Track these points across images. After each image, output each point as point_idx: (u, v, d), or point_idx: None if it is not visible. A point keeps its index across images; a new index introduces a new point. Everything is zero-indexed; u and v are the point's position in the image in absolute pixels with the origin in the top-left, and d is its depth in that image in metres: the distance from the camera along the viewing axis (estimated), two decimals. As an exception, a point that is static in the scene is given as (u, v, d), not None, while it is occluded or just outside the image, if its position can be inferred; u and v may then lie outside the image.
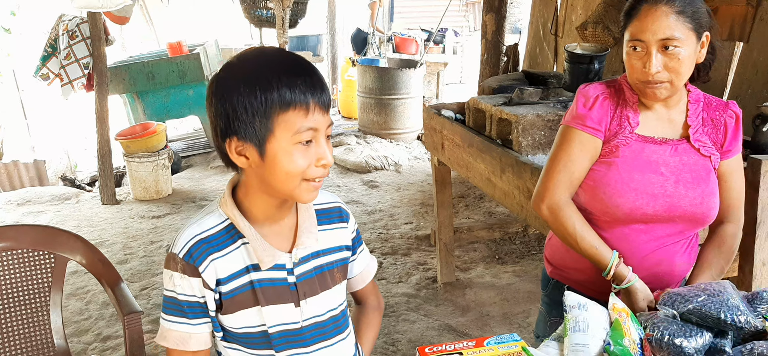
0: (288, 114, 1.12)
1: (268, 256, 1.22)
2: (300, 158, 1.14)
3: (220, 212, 1.24)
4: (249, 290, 1.23)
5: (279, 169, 1.14)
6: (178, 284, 1.21)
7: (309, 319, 1.29)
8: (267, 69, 1.13)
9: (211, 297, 1.22)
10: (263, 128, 1.12)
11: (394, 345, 3.29)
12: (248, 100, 1.11)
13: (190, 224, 1.24)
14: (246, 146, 1.14)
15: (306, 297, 1.27)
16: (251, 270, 1.23)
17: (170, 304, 1.23)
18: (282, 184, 1.16)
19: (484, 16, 5.76)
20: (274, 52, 1.19)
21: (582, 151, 1.65)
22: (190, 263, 1.19)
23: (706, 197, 1.61)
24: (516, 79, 3.60)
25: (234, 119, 1.13)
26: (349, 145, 7.23)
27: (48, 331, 2.14)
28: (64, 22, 5.90)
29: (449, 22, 12.30)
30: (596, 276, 1.64)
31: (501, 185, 2.75)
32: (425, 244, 4.66)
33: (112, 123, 5.77)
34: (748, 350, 1.34)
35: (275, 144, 1.13)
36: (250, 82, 1.12)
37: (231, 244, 1.22)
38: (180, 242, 1.21)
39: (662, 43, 1.50)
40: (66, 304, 3.76)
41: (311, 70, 1.16)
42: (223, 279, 1.22)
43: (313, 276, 1.29)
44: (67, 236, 2.15)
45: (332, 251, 1.34)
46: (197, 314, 1.23)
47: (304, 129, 1.13)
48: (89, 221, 5.24)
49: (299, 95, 1.11)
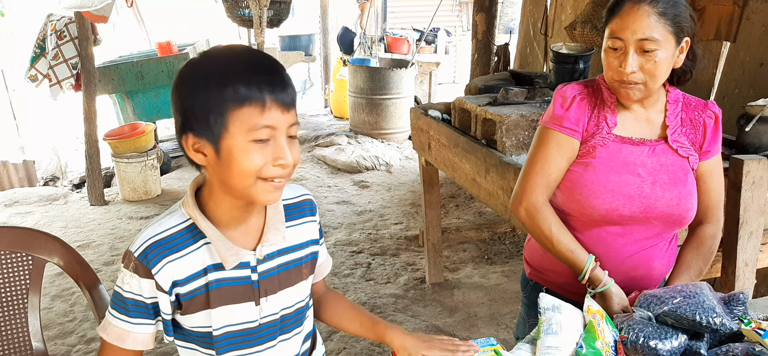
0: (242, 110, 1.09)
1: (232, 255, 1.20)
2: (255, 156, 1.11)
3: (183, 212, 1.22)
4: (209, 290, 1.21)
5: (234, 167, 1.11)
6: (126, 281, 1.20)
7: (267, 317, 1.27)
8: (225, 65, 1.11)
9: (165, 300, 1.20)
10: (218, 125, 1.10)
11: (380, 347, 3.27)
12: (203, 95, 1.09)
13: (151, 224, 1.22)
14: (202, 143, 1.13)
15: (266, 295, 1.26)
16: (211, 271, 1.21)
17: (117, 300, 1.22)
18: (237, 182, 1.13)
19: (475, 16, 5.75)
20: (239, 50, 1.17)
21: (559, 152, 1.64)
22: (143, 264, 1.17)
23: (684, 198, 1.60)
24: (502, 79, 3.59)
25: (190, 115, 1.11)
26: (340, 145, 7.21)
27: (26, 334, 2.11)
28: (52, 22, 5.87)
29: (442, 22, 12.30)
30: (574, 278, 1.63)
31: (486, 186, 2.73)
32: (414, 244, 4.65)
33: (101, 123, 5.74)
34: (724, 352, 1.33)
35: (230, 141, 1.10)
36: (206, 77, 1.10)
37: (191, 244, 1.20)
38: (138, 242, 1.19)
39: (640, 44, 1.49)
40: (51, 306, 3.73)
41: (272, 68, 1.13)
42: (181, 281, 1.19)
43: (276, 273, 1.27)
44: (44, 237, 2.12)
45: (300, 246, 1.33)
46: (140, 314, 1.21)
47: (260, 126, 1.10)
48: (77, 222, 5.21)
49: (254, 91, 1.09)
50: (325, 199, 5.80)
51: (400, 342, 1.36)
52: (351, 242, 4.74)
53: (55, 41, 5.81)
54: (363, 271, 4.21)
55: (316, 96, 10.90)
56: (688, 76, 1.64)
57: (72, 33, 5.75)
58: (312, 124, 8.78)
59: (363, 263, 4.35)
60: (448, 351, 1.33)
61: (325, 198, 5.82)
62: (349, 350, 3.24)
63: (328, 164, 6.83)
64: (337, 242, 4.74)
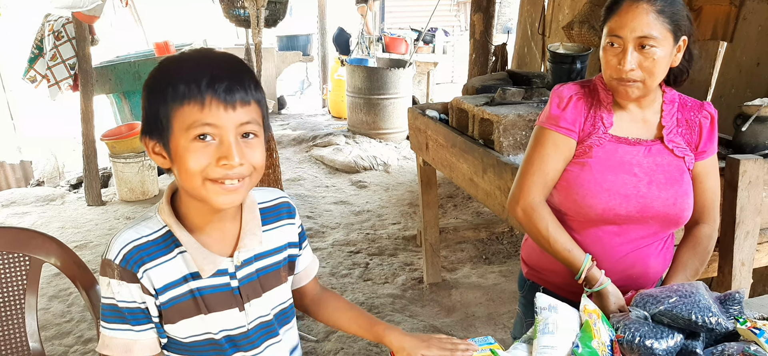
0: (183, 109, 1.08)
1: (209, 263, 1.18)
2: (198, 155, 1.09)
3: (158, 219, 1.20)
4: (190, 298, 1.19)
5: (182, 168, 1.10)
6: (116, 291, 1.16)
7: (254, 321, 1.26)
8: (175, 67, 1.11)
9: (152, 303, 1.18)
10: (165, 125, 1.10)
11: (378, 347, 3.27)
12: (153, 97, 1.10)
13: (125, 229, 1.19)
14: (158, 145, 1.13)
15: (250, 300, 1.25)
16: (191, 279, 1.19)
17: (110, 311, 1.18)
18: (187, 184, 1.12)
19: (473, 16, 5.76)
20: (194, 53, 1.15)
21: (556, 152, 1.64)
22: (127, 269, 1.15)
23: (680, 197, 1.61)
24: (500, 79, 3.59)
25: (145, 118, 1.13)
26: (338, 145, 7.21)
27: (23, 335, 2.11)
28: (49, 22, 5.86)
29: (440, 21, 12.29)
30: (571, 277, 1.63)
31: (483, 186, 2.74)
32: (412, 245, 4.65)
33: (99, 124, 5.73)
34: (719, 351, 1.33)
35: (175, 142, 1.10)
36: (156, 80, 1.11)
37: (167, 253, 1.18)
38: (115, 248, 1.16)
39: (639, 41, 1.50)
40: (48, 306, 3.73)
41: (219, 67, 1.10)
42: (160, 289, 1.17)
43: (256, 277, 1.26)
44: (41, 238, 2.12)
45: (278, 250, 1.31)
46: (140, 320, 1.18)
47: (199, 124, 1.07)
48: (74, 223, 5.20)
49: (193, 89, 1.07)
50: (323, 199, 5.80)
51: (399, 343, 1.35)
52: (349, 242, 4.74)
53: (53, 42, 5.80)
54: (361, 271, 4.21)
55: (314, 96, 10.91)
56: (685, 76, 1.65)
57: (69, 33, 5.74)
58: (310, 124, 8.78)
59: (361, 263, 4.35)
60: (446, 350, 1.32)
61: (323, 198, 5.82)
62: (347, 350, 3.24)
63: (325, 164, 6.83)
64: (334, 242, 4.74)
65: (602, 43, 1.58)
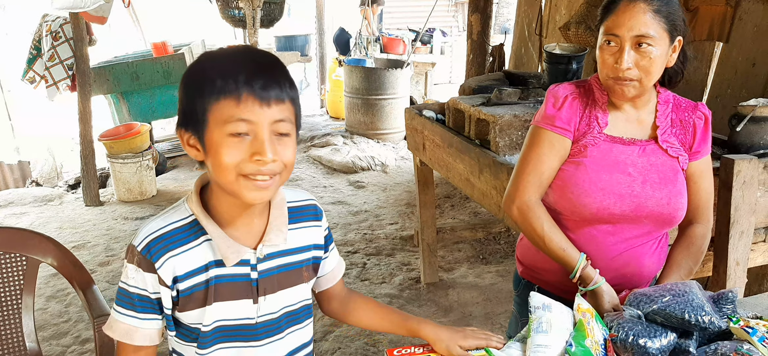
0: (220, 103, 1.10)
1: (233, 252, 1.21)
2: (232, 150, 1.11)
3: (186, 208, 1.23)
4: (204, 288, 1.21)
5: (215, 162, 1.12)
6: (131, 276, 1.20)
7: (264, 315, 1.27)
8: (213, 62, 1.13)
9: (167, 295, 1.20)
10: (201, 119, 1.12)
11: (375, 346, 3.28)
12: (190, 90, 1.13)
13: (155, 218, 1.23)
14: (193, 137, 1.15)
15: (265, 294, 1.26)
16: (213, 266, 1.21)
17: (122, 295, 1.22)
18: (220, 178, 1.14)
19: (470, 17, 5.77)
20: (234, 49, 1.18)
21: (551, 151, 1.65)
22: (146, 258, 1.18)
23: (673, 197, 1.61)
24: (496, 80, 3.60)
25: (183, 110, 1.15)
26: (335, 145, 7.22)
27: (20, 335, 2.11)
28: (47, 22, 5.86)
29: (438, 22, 12.30)
30: (566, 276, 1.64)
31: (479, 186, 2.74)
32: (410, 245, 4.65)
33: (97, 124, 5.73)
34: (712, 350, 1.34)
35: (210, 135, 1.12)
36: (194, 73, 1.14)
37: (192, 240, 1.21)
38: (141, 235, 1.20)
39: (636, 40, 1.51)
40: (46, 307, 3.73)
41: (257, 63, 1.13)
42: (181, 276, 1.20)
43: (276, 273, 1.28)
44: (38, 238, 2.13)
45: (302, 250, 1.33)
46: (146, 309, 1.21)
47: (234, 119, 1.09)
48: (72, 223, 5.20)
49: (231, 84, 1.09)
50: (321, 199, 5.80)
51: (436, 335, 1.39)
52: (346, 242, 4.75)
53: (51, 42, 5.80)
54: (358, 271, 4.22)
55: (312, 96, 10.91)
56: (680, 77, 1.66)
57: (67, 34, 5.75)
58: (308, 124, 8.79)
59: (358, 263, 4.35)
60: (481, 340, 1.38)
61: (321, 199, 5.83)
62: (344, 349, 3.25)
63: (323, 164, 6.84)
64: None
65: (599, 42, 1.59)
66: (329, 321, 3.50)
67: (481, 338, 1.39)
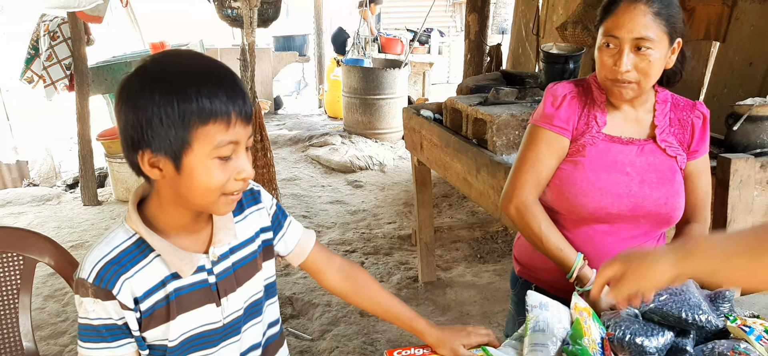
0: (207, 127, 1.05)
1: (187, 263, 1.17)
2: (219, 172, 1.08)
3: (127, 228, 1.17)
4: (165, 304, 1.17)
5: (197, 184, 1.08)
6: (91, 309, 1.13)
7: (230, 315, 1.26)
8: (185, 76, 1.05)
9: (132, 317, 1.15)
10: (180, 141, 1.05)
11: (373, 345, 3.28)
12: (164, 110, 1.03)
13: (96, 245, 1.16)
14: (160, 158, 1.07)
15: (226, 295, 1.24)
16: (171, 280, 1.17)
17: (87, 331, 1.15)
18: (199, 199, 1.10)
19: (467, 17, 5.77)
20: (191, 57, 1.11)
21: (549, 150, 1.65)
22: (101, 288, 1.11)
23: (671, 197, 1.62)
24: (493, 79, 3.61)
25: (147, 130, 1.05)
26: (333, 145, 7.22)
27: (16, 334, 2.11)
28: (45, 22, 5.85)
29: (436, 22, 12.30)
30: (562, 275, 1.64)
31: (477, 185, 2.75)
32: (407, 244, 4.65)
33: (95, 124, 5.72)
34: (710, 349, 1.34)
35: (192, 158, 1.06)
36: (166, 90, 1.04)
37: (142, 259, 1.15)
38: (87, 267, 1.13)
39: (635, 43, 1.50)
40: (43, 306, 3.73)
41: (233, 79, 1.09)
42: (141, 297, 1.15)
43: (233, 271, 1.25)
44: (35, 237, 2.12)
45: (251, 240, 1.30)
46: (117, 336, 1.15)
47: (225, 143, 1.06)
48: (70, 222, 5.20)
49: (220, 106, 1.04)
50: (319, 199, 5.80)
51: (437, 338, 1.40)
52: (344, 241, 4.75)
53: (49, 42, 5.79)
54: (356, 271, 4.22)
55: (311, 96, 10.91)
56: (678, 77, 1.65)
57: (65, 33, 5.73)
58: (306, 124, 8.79)
59: (356, 262, 4.35)
60: (483, 337, 1.39)
61: (319, 198, 5.83)
62: (342, 349, 3.25)
63: (321, 163, 6.84)
64: (330, 241, 4.75)
65: (597, 43, 1.59)
66: (327, 320, 3.50)
67: (482, 333, 1.39)
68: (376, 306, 1.46)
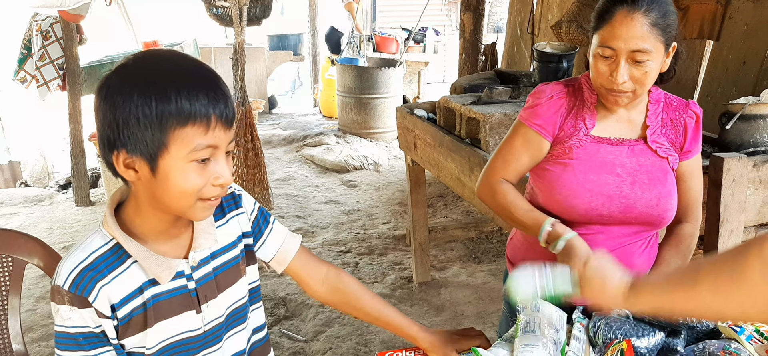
0: (186, 130, 1.02)
1: (165, 270, 1.14)
2: (195, 176, 1.06)
3: (105, 233, 1.14)
4: (142, 311, 1.15)
5: (172, 187, 1.06)
6: (67, 317, 1.10)
7: (210, 322, 1.23)
8: (165, 76, 1.03)
9: (109, 325, 1.12)
10: (156, 142, 1.03)
11: (367, 346, 3.27)
12: (142, 110, 1.01)
13: (73, 251, 1.13)
14: (135, 159, 1.05)
15: (207, 301, 1.21)
16: (149, 286, 1.15)
17: (63, 339, 1.11)
18: (175, 202, 1.08)
19: (462, 16, 5.76)
20: (175, 57, 1.08)
21: (524, 146, 1.66)
22: (77, 295, 1.08)
23: (663, 198, 1.60)
24: (487, 79, 3.60)
25: (124, 130, 1.02)
26: (328, 144, 7.20)
27: (6, 337, 2.09)
28: (37, 22, 5.81)
29: (431, 21, 12.29)
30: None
31: (470, 185, 2.74)
32: (402, 244, 4.65)
33: (87, 123, 5.69)
34: (700, 349, 1.34)
35: (169, 161, 1.04)
36: (145, 90, 1.01)
37: (119, 265, 1.13)
38: (63, 273, 1.10)
39: (632, 55, 1.47)
40: (35, 308, 3.70)
41: (215, 81, 1.07)
42: (118, 304, 1.12)
43: (213, 277, 1.22)
44: (24, 238, 2.11)
45: (233, 245, 1.28)
46: (95, 344, 1.12)
47: (203, 147, 1.04)
48: (62, 223, 5.17)
49: (200, 108, 1.02)
50: (313, 199, 5.79)
51: (430, 342, 1.38)
52: (338, 241, 4.74)
53: (41, 42, 5.75)
54: (350, 271, 4.21)
55: (305, 95, 10.89)
56: (672, 74, 1.64)
57: (57, 33, 5.71)
58: (300, 123, 8.77)
59: (350, 262, 4.34)
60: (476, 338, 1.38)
61: (313, 198, 5.81)
62: (335, 350, 3.24)
63: (316, 163, 6.82)
64: (324, 241, 4.73)
65: (592, 50, 1.56)
66: (321, 321, 3.48)
67: (474, 334, 1.39)
68: (365, 315, 1.43)
